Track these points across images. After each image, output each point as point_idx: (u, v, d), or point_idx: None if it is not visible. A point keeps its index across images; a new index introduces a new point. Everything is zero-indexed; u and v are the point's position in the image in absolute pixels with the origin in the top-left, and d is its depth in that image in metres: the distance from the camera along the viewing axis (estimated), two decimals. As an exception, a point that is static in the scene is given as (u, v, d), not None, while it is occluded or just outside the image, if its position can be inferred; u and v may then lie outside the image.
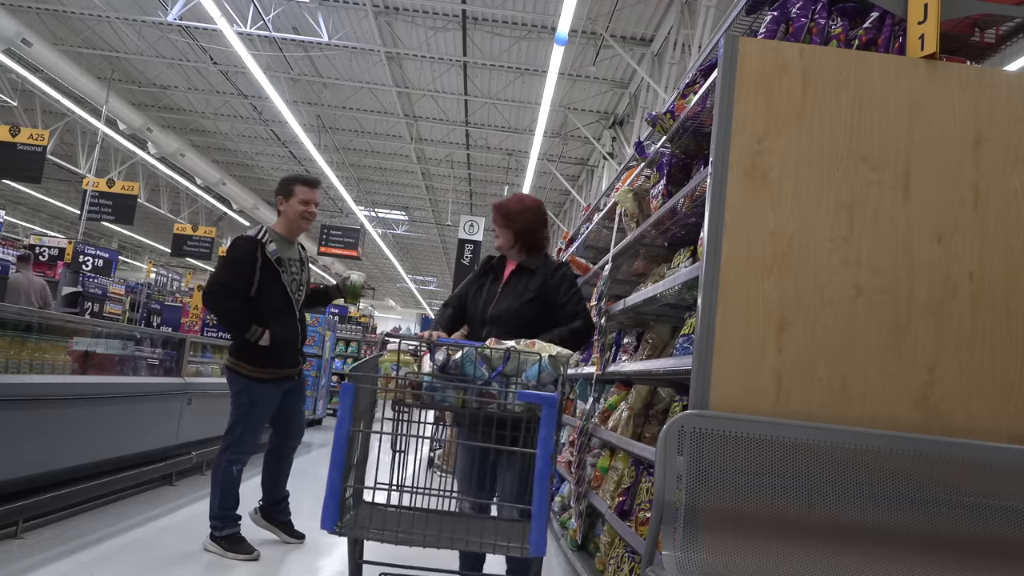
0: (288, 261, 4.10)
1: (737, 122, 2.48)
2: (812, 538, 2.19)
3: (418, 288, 41.36)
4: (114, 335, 5.15)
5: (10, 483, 3.73)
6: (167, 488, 5.48)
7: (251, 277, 3.95)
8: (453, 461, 3.49)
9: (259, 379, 3.99)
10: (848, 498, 2.21)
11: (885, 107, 2.51)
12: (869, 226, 2.45)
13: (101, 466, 4.57)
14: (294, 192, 4.16)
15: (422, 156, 19.38)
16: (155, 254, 35.98)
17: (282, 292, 4.04)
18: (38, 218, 29.73)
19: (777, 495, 2.21)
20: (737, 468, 2.23)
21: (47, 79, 14.40)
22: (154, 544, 4.03)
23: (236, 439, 4.00)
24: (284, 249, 4.11)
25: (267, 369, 4.02)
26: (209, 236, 20.18)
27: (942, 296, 2.42)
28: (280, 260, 4.03)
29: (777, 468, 2.21)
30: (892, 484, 2.21)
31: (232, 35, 11.00)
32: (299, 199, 4.15)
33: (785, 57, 2.51)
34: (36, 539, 3.82)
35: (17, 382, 3.79)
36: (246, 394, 3.97)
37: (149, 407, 5.13)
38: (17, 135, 12.97)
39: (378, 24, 12.18)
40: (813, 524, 2.20)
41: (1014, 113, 2.52)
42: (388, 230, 28.04)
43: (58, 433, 4.08)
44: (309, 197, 4.17)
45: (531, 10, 11.35)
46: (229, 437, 4.02)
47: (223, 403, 6.45)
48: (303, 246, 4.40)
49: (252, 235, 4.05)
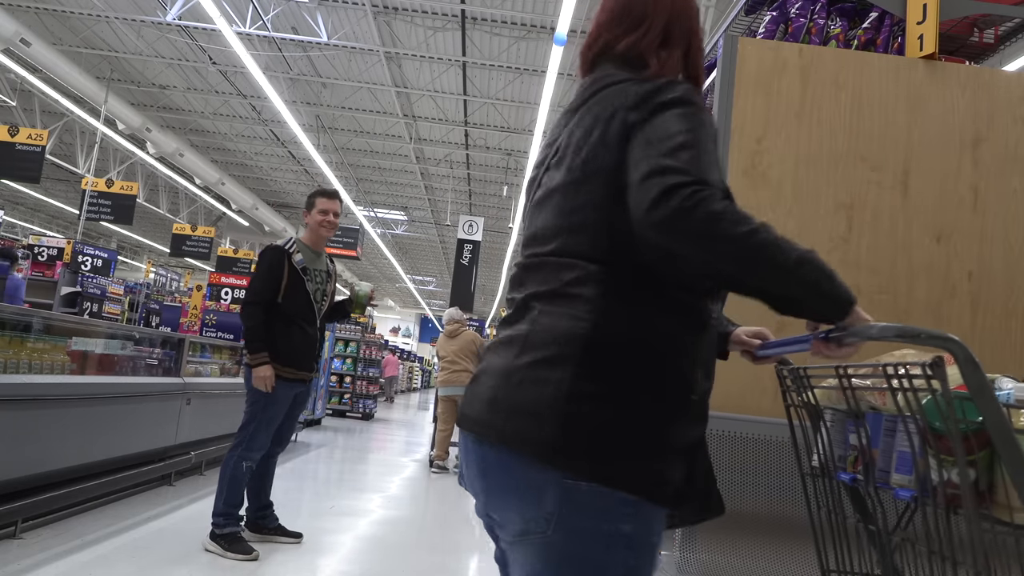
0: (314, 271, 4.32)
1: (736, 122, 2.48)
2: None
3: (417, 288, 41.37)
4: (113, 335, 5.14)
5: (9, 483, 3.72)
6: (166, 488, 5.47)
7: (279, 284, 4.15)
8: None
9: (276, 376, 4.07)
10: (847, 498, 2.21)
11: (884, 107, 2.51)
12: (868, 226, 2.45)
13: (100, 466, 4.57)
14: (315, 204, 4.42)
15: (421, 156, 19.37)
16: (153, 254, 36.01)
17: (306, 300, 4.23)
18: (37, 218, 29.72)
19: (776, 495, 2.21)
20: (737, 468, 2.23)
21: (46, 79, 14.41)
22: (153, 544, 4.03)
23: (248, 436, 4.08)
24: (311, 260, 4.32)
25: (285, 368, 4.13)
26: (208, 236, 20.16)
27: (941, 295, 2.43)
28: (306, 269, 4.26)
29: (776, 468, 2.22)
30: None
31: (231, 35, 11.00)
32: (319, 209, 4.39)
33: (784, 57, 2.51)
34: (35, 539, 3.82)
35: (16, 382, 3.78)
36: (262, 390, 4.02)
37: (148, 407, 5.12)
38: (16, 135, 12.96)
39: (377, 24, 12.18)
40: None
41: (1013, 113, 2.52)
42: (387, 230, 28.05)
43: (56, 433, 4.07)
44: (328, 207, 4.41)
45: (530, 10, 11.35)
46: (242, 434, 4.11)
47: (222, 403, 6.48)
48: (332, 259, 4.60)
49: (280, 245, 4.29)
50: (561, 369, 1.22)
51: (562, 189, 1.35)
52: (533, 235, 1.41)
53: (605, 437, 1.19)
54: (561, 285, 1.30)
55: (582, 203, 1.31)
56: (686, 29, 1.48)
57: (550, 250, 1.34)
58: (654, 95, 1.29)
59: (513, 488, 1.23)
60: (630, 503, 1.18)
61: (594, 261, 1.28)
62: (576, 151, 1.35)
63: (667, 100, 1.28)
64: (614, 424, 1.20)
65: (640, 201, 1.17)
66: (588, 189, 1.31)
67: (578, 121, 1.39)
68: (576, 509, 1.18)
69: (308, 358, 4.27)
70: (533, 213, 1.45)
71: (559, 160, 1.39)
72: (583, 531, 1.18)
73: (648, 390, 1.22)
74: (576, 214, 1.32)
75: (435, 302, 48.20)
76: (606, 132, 1.31)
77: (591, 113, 1.37)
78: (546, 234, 1.37)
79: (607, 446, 1.19)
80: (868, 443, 1.15)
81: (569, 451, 1.18)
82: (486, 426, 1.27)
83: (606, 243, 1.28)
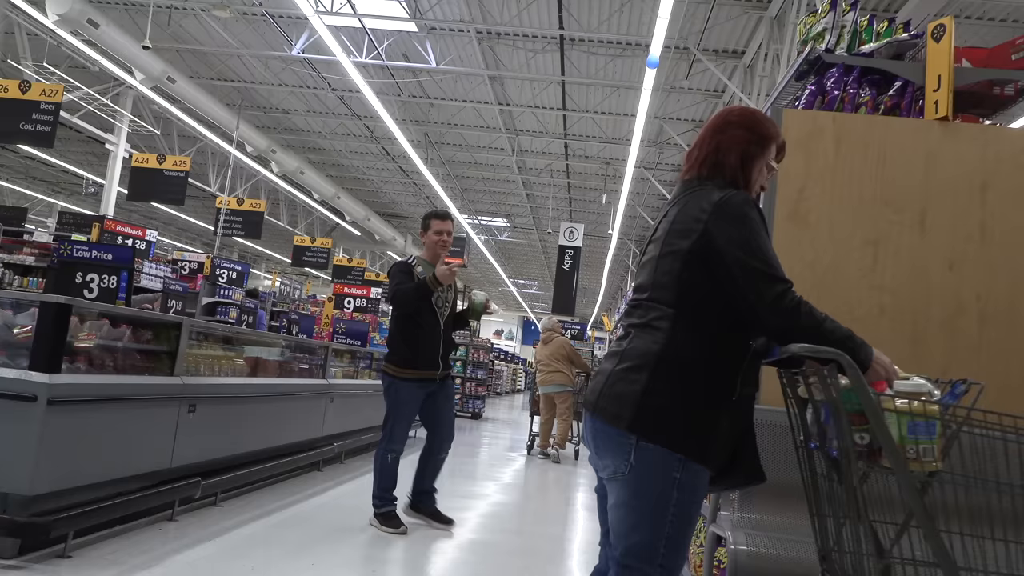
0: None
1: (782, 177, 3.12)
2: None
3: (520, 292, 42.31)
4: (274, 344, 6.15)
5: (213, 463, 4.72)
6: (316, 473, 6.46)
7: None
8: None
9: (402, 378, 4.79)
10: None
11: (905, 161, 3.11)
12: (891, 258, 3.05)
13: (268, 452, 5.55)
14: (430, 226, 5.02)
15: (523, 167, 20.22)
16: (272, 263, 38.28)
17: (429, 306, 4.83)
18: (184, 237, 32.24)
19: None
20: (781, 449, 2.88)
21: (184, 108, 15.99)
22: (315, 516, 4.94)
23: (389, 431, 4.83)
24: (431, 272, 4.83)
25: (406, 369, 4.80)
26: (326, 247, 21.63)
27: (953, 313, 3.01)
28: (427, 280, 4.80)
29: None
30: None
31: (349, 65, 12.08)
32: (434, 231, 5.00)
33: (821, 124, 3.14)
34: (230, 507, 4.82)
35: (215, 382, 4.76)
36: (392, 391, 4.82)
37: (303, 404, 6.10)
38: (163, 162, 14.53)
39: (481, 49, 13.06)
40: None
41: (1016, 161, 3.07)
42: (491, 236, 29.06)
43: (241, 424, 5.06)
44: (442, 228, 5.00)
45: (624, 32, 11.99)
46: (384, 429, 4.86)
47: (357, 402, 7.45)
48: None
49: (404, 260, 4.98)
50: (641, 374, 1.96)
51: (655, 260, 2.08)
52: (638, 285, 2.17)
53: (665, 418, 1.93)
54: (648, 320, 2.04)
55: (666, 269, 2.03)
56: (740, 153, 2.12)
57: (645, 297, 2.08)
58: (721, 204, 1.98)
59: (610, 446, 1.99)
60: (679, 459, 1.91)
61: (670, 306, 2.00)
62: (666, 235, 2.07)
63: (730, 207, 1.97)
64: (671, 410, 1.93)
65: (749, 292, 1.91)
66: (669, 261, 2.03)
67: (672, 214, 2.11)
68: (646, 460, 1.92)
69: (432, 358, 4.85)
70: (639, 270, 2.22)
71: (657, 238, 2.13)
72: (649, 474, 1.92)
73: (695, 391, 1.94)
74: (662, 276, 2.04)
75: (538, 305, 49.09)
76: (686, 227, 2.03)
77: (677, 209, 2.09)
78: (644, 286, 2.12)
79: (666, 423, 1.92)
80: (823, 421, 1.82)
81: (643, 426, 1.93)
82: (596, 408, 2.04)
83: (676, 296, 2.00)
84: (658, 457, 1.91)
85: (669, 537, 1.92)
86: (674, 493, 1.92)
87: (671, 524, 1.92)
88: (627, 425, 1.93)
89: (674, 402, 1.94)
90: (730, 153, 2.10)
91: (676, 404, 1.93)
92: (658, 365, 1.96)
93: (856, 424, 1.66)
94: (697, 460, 1.93)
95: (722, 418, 1.96)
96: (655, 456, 1.91)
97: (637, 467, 1.92)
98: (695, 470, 1.93)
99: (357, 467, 7.05)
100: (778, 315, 1.85)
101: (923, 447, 1.62)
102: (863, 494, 1.81)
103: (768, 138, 2.13)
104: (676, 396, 1.94)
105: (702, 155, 2.15)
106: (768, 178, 2.20)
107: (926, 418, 1.62)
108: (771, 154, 2.15)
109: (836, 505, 1.89)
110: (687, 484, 1.93)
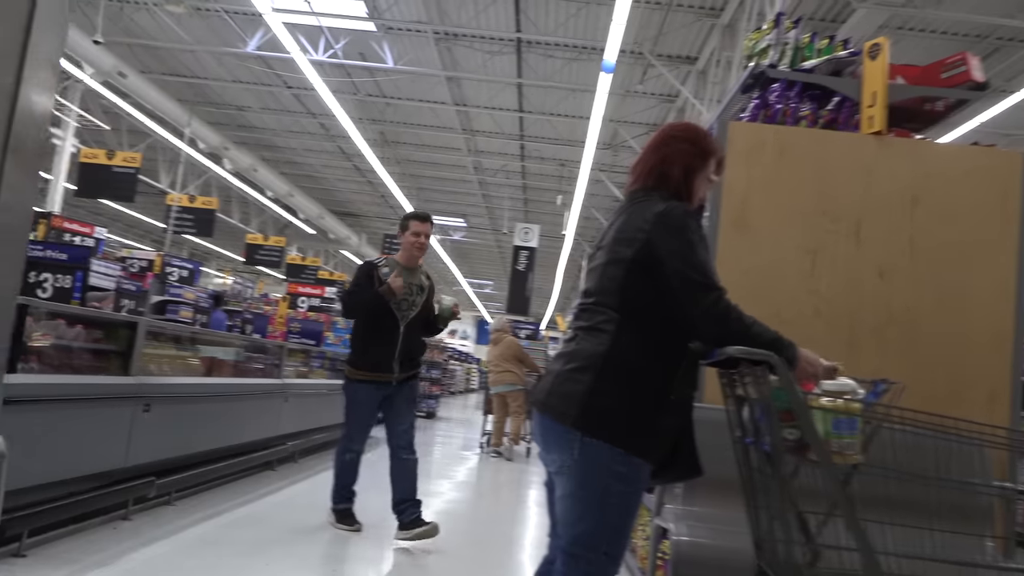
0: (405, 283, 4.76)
1: (727, 186, 3.28)
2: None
3: (475, 292, 42.36)
4: (229, 343, 6.15)
5: (167, 462, 4.72)
6: (270, 472, 6.46)
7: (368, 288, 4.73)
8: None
9: (356, 379, 4.81)
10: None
11: (842, 173, 3.28)
12: (828, 266, 3.22)
13: (222, 452, 5.56)
14: (408, 226, 4.93)
15: (479, 167, 20.31)
16: (222, 260, 37.73)
17: (385, 308, 4.69)
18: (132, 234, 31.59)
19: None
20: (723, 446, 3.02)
21: (135, 103, 15.72)
22: (270, 515, 4.98)
23: (346, 431, 4.87)
24: (404, 275, 4.77)
25: (360, 371, 4.80)
26: (280, 245, 21.43)
27: (884, 322, 3.19)
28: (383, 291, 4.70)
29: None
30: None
31: (305, 63, 12.05)
32: (412, 231, 4.90)
33: (764, 136, 3.30)
34: (184, 506, 4.83)
35: (167, 382, 4.77)
36: (348, 391, 4.84)
37: (257, 404, 6.11)
38: (113, 158, 14.29)
39: (439, 50, 13.12)
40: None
41: (944, 176, 3.26)
42: (446, 236, 29.07)
43: (194, 423, 5.06)
44: (420, 229, 4.92)
45: (581, 36, 12.16)
46: (343, 429, 4.91)
47: (312, 402, 7.47)
48: (428, 276, 5.06)
49: (370, 261, 4.96)
50: (587, 374, 2.08)
51: (602, 267, 2.21)
52: (586, 290, 2.29)
53: (608, 415, 2.05)
54: (595, 323, 2.16)
55: (611, 276, 2.15)
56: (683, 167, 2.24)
57: (592, 302, 2.21)
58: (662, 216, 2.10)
59: (557, 442, 2.11)
60: (621, 454, 2.03)
61: (615, 311, 2.11)
62: (612, 243, 2.19)
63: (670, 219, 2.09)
64: (614, 408, 2.05)
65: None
66: (614, 268, 2.14)
67: (618, 223, 2.23)
68: (590, 455, 2.04)
69: (386, 361, 4.75)
70: (588, 275, 2.35)
71: (604, 246, 2.25)
72: (593, 468, 2.03)
73: (637, 391, 2.06)
74: (607, 282, 2.17)
75: (493, 305, 49.15)
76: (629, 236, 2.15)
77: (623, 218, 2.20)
78: (591, 291, 2.25)
79: (609, 421, 2.04)
80: (757, 419, 1.96)
81: (587, 423, 2.04)
82: (545, 406, 2.15)
83: (620, 301, 2.11)
84: (602, 452, 2.03)
85: (612, 526, 2.06)
86: (616, 485, 2.04)
87: (614, 514, 2.05)
88: (573, 422, 2.05)
89: (618, 401, 2.06)
90: (674, 165, 2.23)
91: (619, 403, 2.06)
92: (603, 366, 2.08)
93: (786, 421, 1.80)
94: (638, 455, 2.06)
95: (662, 416, 2.09)
96: (599, 451, 2.03)
97: (582, 461, 2.04)
98: (636, 464, 2.06)
99: (311, 466, 7.08)
100: (710, 321, 1.99)
101: (846, 442, 1.76)
102: (793, 487, 1.95)
103: (709, 153, 2.26)
104: (620, 395, 2.06)
105: (647, 167, 2.27)
106: (708, 190, 2.33)
107: (849, 415, 1.76)
108: (711, 168, 2.28)
109: (770, 497, 2.02)
110: (629, 477, 2.05)
